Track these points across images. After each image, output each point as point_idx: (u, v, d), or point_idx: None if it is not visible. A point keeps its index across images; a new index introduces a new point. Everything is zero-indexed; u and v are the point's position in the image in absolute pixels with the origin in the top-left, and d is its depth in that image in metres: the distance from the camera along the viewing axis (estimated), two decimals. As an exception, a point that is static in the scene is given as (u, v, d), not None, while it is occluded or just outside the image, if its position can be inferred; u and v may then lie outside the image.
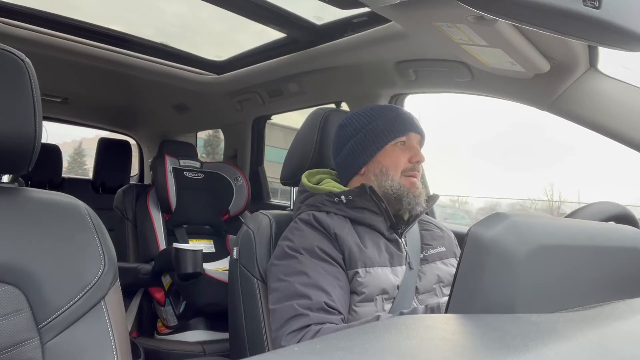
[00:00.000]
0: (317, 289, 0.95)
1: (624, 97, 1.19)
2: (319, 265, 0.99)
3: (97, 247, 0.80)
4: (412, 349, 0.31)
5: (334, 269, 1.00)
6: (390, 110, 1.16)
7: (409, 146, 1.12)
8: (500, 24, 1.07)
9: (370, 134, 1.12)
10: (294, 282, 0.96)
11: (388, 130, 1.12)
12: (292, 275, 0.98)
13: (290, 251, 1.02)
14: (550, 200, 8.38)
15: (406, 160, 1.11)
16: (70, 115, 3.12)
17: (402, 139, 1.12)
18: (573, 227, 0.54)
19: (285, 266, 1.01)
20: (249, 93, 2.28)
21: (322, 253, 1.00)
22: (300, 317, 0.92)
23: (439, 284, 1.09)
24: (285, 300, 0.96)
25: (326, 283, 0.96)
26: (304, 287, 0.95)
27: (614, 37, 0.52)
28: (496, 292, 0.42)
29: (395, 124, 1.12)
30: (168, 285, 2.02)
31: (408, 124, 1.13)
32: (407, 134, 1.12)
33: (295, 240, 1.03)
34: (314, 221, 1.05)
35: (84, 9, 1.82)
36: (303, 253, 1.00)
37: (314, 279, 0.96)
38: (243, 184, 2.37)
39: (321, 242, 1.02)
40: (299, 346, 0.29)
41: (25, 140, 0.74)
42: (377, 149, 1.11)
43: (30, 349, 0.71)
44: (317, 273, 0.97)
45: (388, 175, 1.10)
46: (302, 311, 0.93)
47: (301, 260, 0.99)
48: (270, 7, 1.56)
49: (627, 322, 0.43)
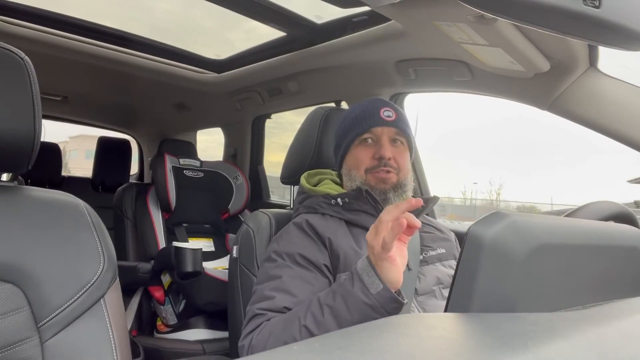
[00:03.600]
0: (284, 292, 0.94)
1: (624, 96, 1.19)
2: (295, 270, 0.98)
3: (97, 246, 0.80)
4: (411, 348, 0.31)
5: (309, 274, 0.98)
6: (360, 106, 1.12)
7: (375, 142, 1.08)
8: (500, 23, 1.06)
9: (340, 136, 1.13)
10: (265, 287, 0.97)
11: (350, 131, 1.09)
12: (266, 280, 0.99)
13: (273, 255, 1.03)
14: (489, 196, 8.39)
15: (370, 157, 1.07)
16: (69, 113, 3.12)
17: (365, 137, 1.08)
18: (572, 227, 0.54)
19: (265, 269, 1.02)
20: (249, 92, 2.28)
21: (302, 260, 1.00)
22: (258, 317, 0.93)
23: (438, 285, 1.09)
24: (253, 303, 0.97)
25: (295, 288, 0.95)
26: (271, 290, 0.96)
27: (614, 36, 0.52)
28: (495, 291, 0.42)
29: (356, 122, 1.08)
30: (168, 284, 2.02)
31: (369, 119, 1.07)
32: (369, 130, 1.07)
33: (280, 244, 1.04)
34: (305, 226, 1.05)
35: (71, 3, 1.80)
36: (284, 258, 1.00)
37: (285, 284, 0.96)
38: (243, 182, 2.37)
39: (305, 249, 1.01)
40: (299, 344, 0.29)
41: (25, 138, 0.74)
42: (345, 151, 1.11)
43: (29, 348, 0.71)
44: (290, 278, 0.97)
45: (351, 176, 1.09)
46: (260, 312, 0.93)
47: (279, 264, 1.00)
48: (270, 6, 1.56)
49: (626, 321, 0.43)
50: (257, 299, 0.97)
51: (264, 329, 0.90)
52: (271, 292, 0.95)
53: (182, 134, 3.02)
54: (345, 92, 1.92)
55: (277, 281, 0.97)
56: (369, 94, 1.77)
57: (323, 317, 0.82)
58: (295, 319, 0.87)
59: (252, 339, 0.91)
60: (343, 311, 0.80)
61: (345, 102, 1.94)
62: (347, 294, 0.80)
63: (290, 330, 0.85)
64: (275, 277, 0.97)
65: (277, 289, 0.96)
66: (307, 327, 0.83)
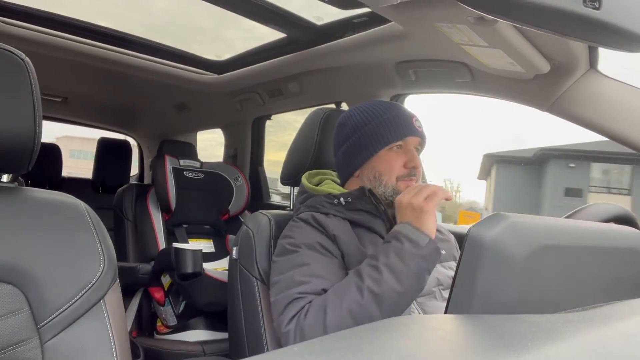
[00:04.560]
0: (317, 277, 0.95)
1: (624, 97, 1.19)
2: (320, 258, 0.99)
3: (97, 247, 0.80)
4: (411, 349, 0.31)
5: (335, 261, 1.00)
6: (389, 110, 1.11)
7: (405, 150, 1.09)
8: (500, 25, 1.07)
9: (365, 137, 1.09)
10: (294, 274, 0.97)
11: (383, 134, 1.08)
12: (293, 268, 0.98)
13: (291, 247, 1.02)
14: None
15: (401, 166, 1.08)
16: (70, 114, 3.12)
17: (397, 144, 1.08)
18: (573, 228, 0.54)
19: (286, 261, 1.01)
20: (249, 93, 2.28)
21: (322, 248, 1.00)
22: (298, 301, 0.93)
23: (438, 287, 1.09)
24: (285, 290, 0.96)
25: (326, 272, 0.97)
26: (303, 276, 0.96)
27: (614, 37, 0.52)
28: (495, 293, 0.42)
29: (391, 128, 1.07)
30: (168, 285, 2.02)
31: (405, 127, 1.08)
32: (404, 138, 1.08)
33: (295, 236, 1.03)
34: (312, 221, 1.05)
35: (72, 4, 1.80)
36: (305, 248, 1.00)
37: (315, 269, 0.97)
38: (243, 183, 2.37)
39: (321, 239, 1.02)
40: (298, 346, 0.29)
41: (25, 139, 0.74)
42: (371, 154, 1.09)
43: (29, 349, 0.71)
44: (319, 263, 0.98)
45: (381, 181, 1.08)
46: (300, 295, 0.93)
47: (302, 254, 0.99)
48: (270, 7, 1.56)
49: (626, 322, 0.43)
50: (290, 284, 0.96)
51: (311, 309, 0.90)
52: (304, 277, 0.95)
53: (182, 135, 3.02)
54: (346, 94, 1.92)
55: (306, 268, 0.97)
56: (369, 95, 1.77)
57: (381, 275, 0.88)
58: (349, 287, 0.89)
59: (298, 321, 0.90)
60: (399, 265, 0.88)
61: (345, 104, 1.94)
62: (399, 251, 0.90)
63: (350, 297, 0.88)
64: (303, 264, 0.97)
65: (308, 274, 0.96)
66: (369, 287, 0.87)
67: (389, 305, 0.87)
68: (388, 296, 0.87)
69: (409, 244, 0.90)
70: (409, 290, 0.89)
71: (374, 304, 0.87)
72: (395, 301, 0.88)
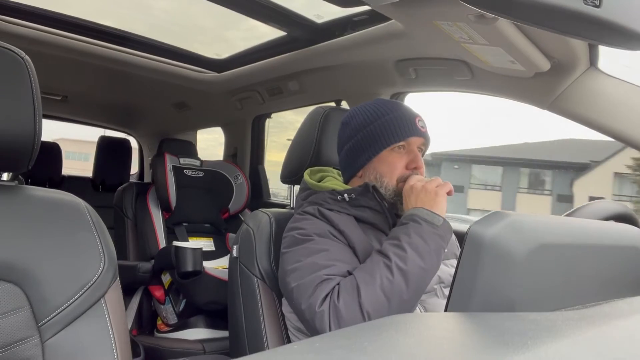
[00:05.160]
0: (339, 261, 0.96)
1: (624, 96, 1.19)
2: (335, 244, 0.99)
3: (97, 245, 0.80)
4: (411, 347, 0.31)
5: (348, 249, 1.01)
6: (391, 110, 1.09)
7: (408, 151, 1.08)
8: (500, 23, 1.06)
9: (367, 137, 1.08)
10: (316, 259, 0.96)
11: (385, 135, 1.07)
12: (313, 254, 0.97)
13: (302, 236, 1.01)
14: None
15: (403, 167, 1.07)
16: (69, 113, 3.12)
17: (400, 144, 1.07)
18: (573, 226, 0.54)
19: (303, 249, 0.99)
20: (249, 91, 2.27)
21: (334, 237, 1.00)
22: (328, 282, 0.92)
23: (439, 284, 1.09)
24: (311, 274, 0.94)
25: (346, 256, 0.98)
26: (326, 260, 0.95)
27: (615, 35, 0.52)
28: (495, 291, 0.42)
29: (394, 128, 1.06)
30: (168, 284, 2.02)
31: (407, 128, 1.07)
32: (406, 139, 1.07)
33: (305, 227, 1.02)
34: (319, 214, 1.04)
35: (72, 3, 1.80)
36: (316, 237, 1.00)
37: (334, 254, 0.97)
38: (243, 182, 2.37)
39: (331, 229, 1.01)
40: (299, 344, 0.29)
41: (26, 138, 0.74)
42: (373, 155, 1.08)
43: (30, 347, 0.71)
44: (336, 249, 0.98)
45: (382, 183, 1.07)
46: (327, 277, 0.93)
47: (317, 242, 0.99)
48: (271, 6, 1.56)
49: (626, 320, 0.43)
50: (315, 268, 0.94)
51: (342, 290, 0.90)
52: (327, 261, 0.95)
53: (182, 133, 3.02)
54: (346, 92, 1.92)
55: (325, 253, 0.97)
56: (369, 94, 1.77)
57: (406, 253, 0.92)
58: (378, 265, 0.91)
59: (331, 301, 0.89)
60: (421, 243, 0.93)
61: (345, 102, 1.94)
62: (420, 230, 0.95)
63: (381, 274, 0.90)
64: (322, 250, 0.97)
65: (331, 258, 0.96)
66: (397, 264, 0.91)
67: (415, 280, 0.91)
68: (414, 272, 0.90)
69: (426, 225, 0.96)
70: (430, 266, 0.93)
71: (403, 281, 0.90)
72: (422, 277, 0.92)
